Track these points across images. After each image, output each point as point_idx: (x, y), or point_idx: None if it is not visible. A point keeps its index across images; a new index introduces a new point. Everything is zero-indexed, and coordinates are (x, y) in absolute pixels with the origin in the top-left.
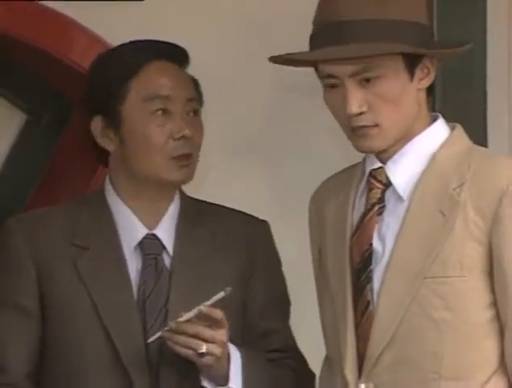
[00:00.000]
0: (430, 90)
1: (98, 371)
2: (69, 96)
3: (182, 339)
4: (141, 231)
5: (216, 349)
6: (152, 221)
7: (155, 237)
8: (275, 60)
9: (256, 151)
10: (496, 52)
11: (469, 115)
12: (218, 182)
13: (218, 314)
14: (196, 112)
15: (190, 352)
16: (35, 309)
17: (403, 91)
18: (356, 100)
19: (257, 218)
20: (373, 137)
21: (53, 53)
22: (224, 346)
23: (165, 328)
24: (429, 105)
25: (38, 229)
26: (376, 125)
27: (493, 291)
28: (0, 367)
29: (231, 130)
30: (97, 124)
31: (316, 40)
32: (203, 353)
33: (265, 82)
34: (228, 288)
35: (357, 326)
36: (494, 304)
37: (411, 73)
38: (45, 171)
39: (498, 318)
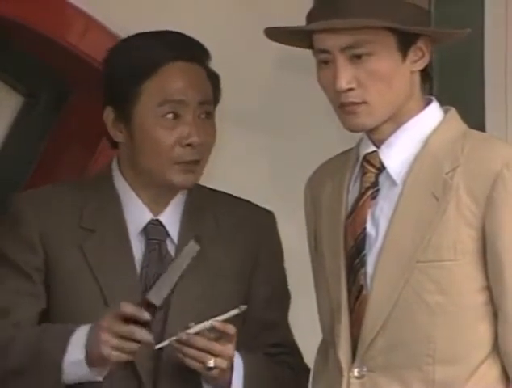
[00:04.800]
0: (427, 75)
1: None
2: (67, 79)
3: (192, 351)
4: (146, 216)
5: (223, 363)
6: (158, 206)
7: (159, 222)
8: (270, 32)
9: (256, 129)
10: (493, 37)
11: (467, 101)
12: (218, 162)
13: (231, 329)
14: (209, 114)
15: (198, 365)
16: (41, 285)
17: (394, 71)
18: (345, 76)
19: (263, 209)
20: (360, 114)
21: (51, 36)
22: (230, 360)
23: (174, 338)
24: (426, 90)
25: (47, 209)
26: (364, 103)
27: (486, 275)
28: (16, 323)
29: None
30: (109, 115)
31: (311, 16)
32: (211, 367)
33: (266, 61)
34: (243, 306)
35: (351, 310)
36: (487, 288)
37: (404, 54)
38: (43, 154)
39: (491, 301)
